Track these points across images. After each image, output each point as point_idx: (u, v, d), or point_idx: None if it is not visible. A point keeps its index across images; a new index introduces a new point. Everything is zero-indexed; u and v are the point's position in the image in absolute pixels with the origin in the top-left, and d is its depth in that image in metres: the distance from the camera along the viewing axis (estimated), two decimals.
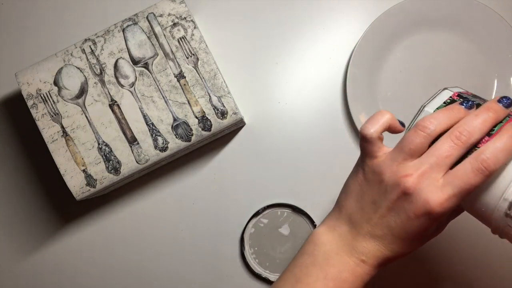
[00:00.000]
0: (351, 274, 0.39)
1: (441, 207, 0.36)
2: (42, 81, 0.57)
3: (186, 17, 0.57)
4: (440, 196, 0.36)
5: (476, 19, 0.59)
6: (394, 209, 0.38)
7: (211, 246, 0.62)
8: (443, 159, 0.37)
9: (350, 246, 0.40)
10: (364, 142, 0.39)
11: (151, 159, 0.56)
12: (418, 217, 0.37)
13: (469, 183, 0.36)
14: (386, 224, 0.39)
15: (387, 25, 0.60)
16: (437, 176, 0.37)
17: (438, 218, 0.37)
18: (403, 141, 0.38)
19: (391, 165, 0.38)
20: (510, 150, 0.35)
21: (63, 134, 0.57)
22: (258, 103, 0.63)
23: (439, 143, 0.37)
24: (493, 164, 0.35)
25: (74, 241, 0.63)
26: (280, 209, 0.60)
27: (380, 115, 0.39)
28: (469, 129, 0.37)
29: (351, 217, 0.40)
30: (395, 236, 0.38)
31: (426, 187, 0.36)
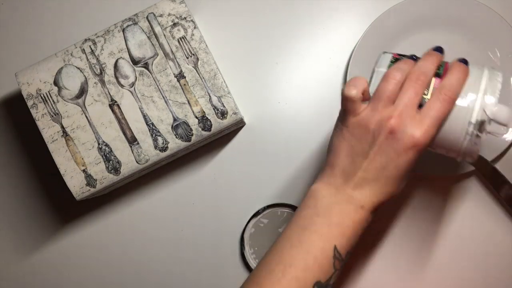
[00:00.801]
0: (352, 221, 0.44)
1: (424, 137, 0.42)
2: (42, 81, 0.57)
3: (186, 17, 0.57)
4: (421, 128, 0.42)
5: (476, 19, 0.59)
6: (383, 150, 0.43)
7: (211, 246, 0.62)
8: (412, 97, 0.43)
9: (348, 195, 0.44)
10: (348, 102, 0.44)
11: (151, 159, 0.56)
12: (406, 151, 0.42)
13: (440, 111, 0.43)
14: (378, 166, 0.43)
15: (387, 25, 0.60)
16: (413, 113, 0.43)
17: (423, 149, 0.43)
18: (378, 92, 0.44)
19: (373, 115, 0.43)
20: (461, 80, 0.44)
21: (63, 134, 0.57)
22: (258, 103, 0.63)
23: (406, 86, 0.44)
24: (452, 92, 0.43)
25: (74, 241, 0.63)
26: (280, 209, 0.60)
27: (359, 79, 0.45)
28: (423, 70, 0.44)
29: (344, 170, 0.44)
30: (387, 176, 0.43)
31: (408, 123, 0.42)
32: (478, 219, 0.60)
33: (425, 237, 0.60)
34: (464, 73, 0.44)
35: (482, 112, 0.43)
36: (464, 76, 0.44)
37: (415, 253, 0.60)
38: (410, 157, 0.42)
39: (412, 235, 0.61)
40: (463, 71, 0.44)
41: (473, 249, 0.60)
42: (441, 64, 0.46)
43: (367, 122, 0.43)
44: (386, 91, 0.44)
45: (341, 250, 0.43)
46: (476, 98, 0.43)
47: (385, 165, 0.43)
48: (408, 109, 0.43)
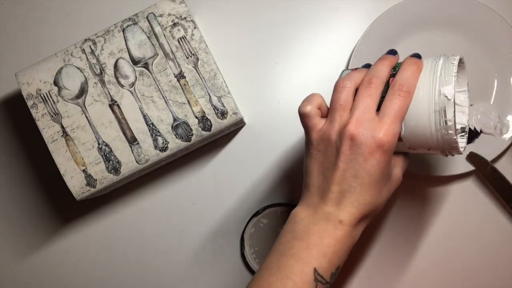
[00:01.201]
0: (332, 238, 0.41)
1: (387, 136, 0.41)
2: (42, 81, 0.57)
3: (186, 17, 0.57)
4: (382, 127, 0.41)
5: (476, 19, 0.59)
6: (350, 158, 0.42)
7: (211, 246, 0.62)
8: (367, 101, 0.42)
9: (326, 213, 0.42)
10: (305, 119, 0.45)
11: (151, 159, 0.56)
12: (372, 154, 0.41)
13: (398, 106, 0.42)
14: (349, 175, 0.42)
15: (387, 25, 0.60)
16: (371, 116, 0.42)
17: (390, 149, 0.41)
18: (331, 103, 0.44)
19: (333, 126, 0.43)
20: (414, 72, 0.43)
21: (63, 134, 0.57)
22: (258, 103, 0.63)
23: (359, 92, 0.44)
24: (406, 86, 0.42)
25: (74, 241, 0.63)
26: (280, 209, 0.60)
27: (312, 96, 0.46)
28: (374, 74, 0.44)
29: (319, 188, 0.43)
30: (361, 184, 0.41)
31: (367, 126, 0.41)
32: (478, 219, 0.60)
33: (425, 237, 0.60)
34: (415, 65, 0.44)
35: (442, 98, 0.42)
36: (416, 68, 0.43)
37: (414, 253, 0.60)
38: (378, 159, 0.41)
39: (411, 235, 0.61)
40: (414, 64, 0.44)
41: (473, 249, 0.60)
42: (396, 65, 0.45)
43: (328, 134, 0.43)
44: (338, 99, 0.43)
45: (323, 272, 0.41)
46: (433, 87, 0.42)
47: (355, 173, 0.41)
48: (364, 113, 0.42)
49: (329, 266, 0.41)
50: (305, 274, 0.41)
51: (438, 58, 0.44)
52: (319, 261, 0.41)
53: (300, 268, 0.41)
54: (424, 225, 0.61)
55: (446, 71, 0.42)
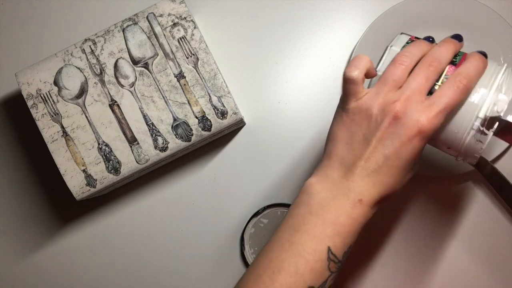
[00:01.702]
0: (348, 217, 0.40)
1: (431, 124, 0.39)
2: (42, 81, 0.57)
3: (186, 17, 0.57)
4: (428, 114, 0.39)
5: (476, 19, 0.59)
6: (387, 137, 0.39)
7: (211, 246, 0.62)
8: (422, 83, 0.40)
9: (346, 188, 0.40)
10: (350, 84, 0.41)
11: (151, 159, 0.56)
12: (411, 139, 0.39)
13: (452, 98, 0.39)
14: (380, 155, 0.39)
15: (387, 25, 0.60)
16: (421, 98, 0.40)
17: (429, 136, 0.39)
18: (384, 75, 0.41)
19: (377, 99, 0.40)
20: (479, 69, 0.41)
21: (63, 134, 0.57)
22: (258, 103, 0.63)
23: (416, 71, 0.41)
24: (468, 80, 0.40)
25: (74, 241, 0.63)
26: (280, 209, 0.60)
27: (361, 58, 0.42)
28: (437, 57, 0.41)
29: (343, 160, 0.41)
30: (390, 165, 0.39)
31: (414, 108, 0.39)
32: (478, 219, 0.60)
33: (424, 237, 0.60)
34: (483, 63, 0.41)
35: (492, 108, 0.40)
36: (482, 66, 0.41)
37: (413, 253, 0.60)
38: (415, 144, 0.39)
39: (410, 235, 0.61)
40: (482, 61, 0.41)
41: (472, 250, 0.60)
42: (458, 54, 0.43)
43: (370, 106, 0.40)
44: (393, 75, 0.41)
45: (336, 251, 0.39)
46: (488, 93, 0.40)
47: (388, 154, 0.39)
48: (416, 94, 0.40)
49: (342, 245, 0.40)
50: (318, 253, 0.39)
51: (502, 66, 0.43)
52: (333, 240, 0.39)
53: (313, 246, 0.39)
54: (424, 225, 0.61)
55: (506, 84, 0.41)
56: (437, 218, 0.60)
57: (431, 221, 0.61)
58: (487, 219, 0.60)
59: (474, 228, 0.60)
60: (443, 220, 0.60)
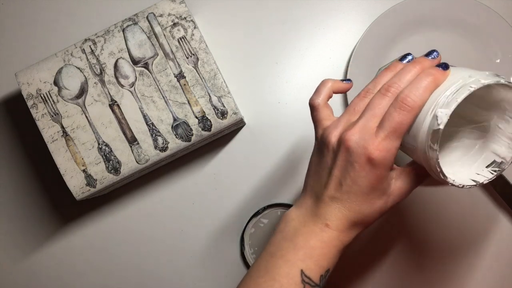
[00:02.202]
0: (319, 240, 0.41)
1: (378, 150, 0.39)
2: (42, 81, 0.57)
3: (186, 17, 0.57)
4: (375, 140, 0.39)
5: (476, 19, 0.59)
6: (343, 166, 0.41)
7: (211, 246, 0.62)
8: (375, 109, 0.40)
9: (315, 215, 0.42)
10: (314, 112, 0.44)
11: (151, 159, 0.56)
12: (362, 166, 0.40)
13: (396, 121, 0.39)
14: (339, 183, 0.41)
15: (387, 25, 0.60)
16: (373, 126, 0.40)
17: (381, 164, 0.39)
18: (349, 105, 0.42)
19: (336, 129, 0.42)
20: (427, 87, 0.39)
21: (63, 134, 0.57)
22: (258, 103, 0.63)
23: (372, 99, 0.41)
24: (413, 99, 0.39)
25: (74, 241, 0.63)
26: (280, 209, 0.60)
27: (323, 85, 0.44)
28: (397, 81, 0.40)
29: (313, 189, 0.43)
30: (350, 192, 0.41)
31: (363, 136, 0.40)
32: (478, 219, 0.60)
33: (424, 237, 0.60)
34: (432, 77, 0.39)
35: (433, 120, 0.37)
36: (431, 81, 0.39)
37: (412, 252, 0.60)
38: (367, 172, 0.40)
39: (410, 235, 0.61)
40: (431, 75, 0.39)
41: (473, 249, 0.60)
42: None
43: (329, 136, 0.42)
44: (356, 105, 0.42)
45: (310, 273, 0.40)
46: (433, 106, 0.38)
47: (346, 181, 0.40)
48: (369, 123, 0.40)
49: (316, 268, 0.41)
50: (292, 276, 0.40)
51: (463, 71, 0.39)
52: (305, 262, 0.41)
53: (287, 269, 0.41)
54: (424, 225, 0.61)
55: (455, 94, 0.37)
56: (436, 217, 0.60)
57: (429, 221, 0.61)
58: (487, 219, 0.60)
59: (474, 228, 0.60)
60: (443, 220, 0.60)
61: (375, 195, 0.41)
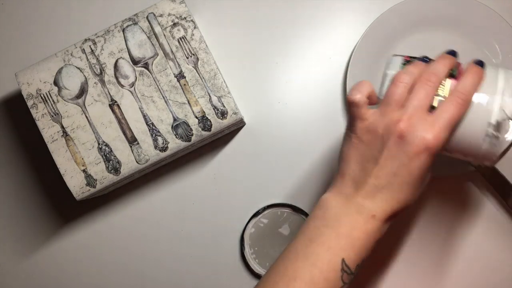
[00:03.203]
0: (362, 232, 0.42)
1: (437, 140, 0.40)
2: (42, 81, 0.57)
3: (186, 17, 0.57)
4: (433, 130, 0.41)
5: (476, 19, 0.59)
6: (394, 154, 0.41)
7: (211, 246, 0.62)
8: (423, 99, 0.42)
9: (359, 205, 0.42)
10: (354, 107, 0.44)
11: (151, 159, 0.56)
12: (418, 155, 0.41)
13: (453, 113, 0.41)
14: (389, 172, 0.41)
15: (387, 25, 0.60)
16: (423, 115, 0.42)
17: (436, 152, 0.41)
18: (386, 96, 0.43)
19: (382, 119, 0.42)
20: (475, 82, 0.43)
21: (63, 134, 0.57)
22: (258, 103, 0.63)
23: (415, 89, 0.43)
24: (466, 95, 0.42)
25: (74, 241, 0.63)
26: (280, 209, 0.60)
27: (363, 83, 0.45)
28: (434, 72, 0.43)
29: (355, 178, 0.43)
30: (400, 182, 0.41)
31: (418, 125, 0.41)
32: (478, 219, 0.60)
33: (424, 237, 0.60)
34: (478, 75, 0.43)
35: (501, 112, 0.42)
36: (478, 78, 0.43)
37: (412, 253, 0.60)
38: (423, 161, 0.41)
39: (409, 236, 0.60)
40: (477, 73, 0.43)
41: (472, 250, 0.60)
42: (455, 66, 0.45)
43: (376, 126, 0.42)
44: (394, 94, 0.43)
45: (350, 263, 0.41)
46: (494, 99, 0.42)
47: (396, 171, 0.41)
48: (418, 111, 0.42)
49: (356, 257, 0.42)
50: (333, 264, 0.41)
51: (497, 70, 0.44)
52: (347, 252, 0.41)
53: (328, 257, 0.41)
54: (424, 225, 0.61)
55: (508, 87, 0.42)
56: (436, 218, 0.60)
57: (429, 221, 0.61)
58: (487, 219, 0.60)
59: (474, 228, 0.60)
60: (442, 220, 0.60)
61: (420, 183, 0.42)
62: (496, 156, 0.43)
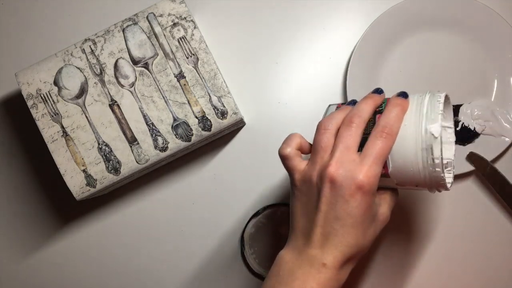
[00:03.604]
0: (316, 282, 0.41)
1: (367, 178, 0.41)
2: (42, 81, 0.57)
3: (186, 17, 0.57)
4: (362, 168, 0.41)
5: (476, 19, 0.59)
6: (331, 201, 0.41)
7: (211, 246, 0.62)
8: (347, 140, 0.42)
9: (309, 256, 0.42)
10: (286, 160, 0.45)
11: (151, 159, 0.56)
12: (353, 196, 0.41)
13: (380, 148, 0.41)
14: (331, 218, 0.41)
15: (387, 25, 0.60)
16: (351, 156, 0.42)
17: (371, 190, 0.41)
18: (314, 145, 0.44)
19: (314, 167, 0.43)
20: (398, 114, 0.43)
21: (63, 134, 0.57)
22: (258, 103, 0.63)
23: (340, 132, 0.43)
24: (389, 128, 0.42)
25: (74, 241, 0.63)
26: (280, 209, 0.60)
27: (291, 136, 0.46)
28: (357, 112, 0.44)
29: (303, 230, 0.43)
30: (344, 226, 0.41)
31: (347, 167, 0.41)
32: (478, 219, 0.60)
33: (424, 237, 0.60)
34: (400, 106, 0.43)
35: (429, 136, 0.41)
36: (400, 110, 0.43)
37: (413, 253, 0.60)
38: (359, 200, 0.41)
39: (411, 235, 0.61)
40: (398, 104, 0.43)
41: (473, 249, 0.60)
42: (383, 101, 0.45)
43: (310, 176, 0.43)
44: (320, 141, 0.43)
45: None
46: (420, 125, 0.42)
47: (337, 215, 0.41)
48: (344, 154, 0.42)
49: None
50: None
51: (424, 94, 0.44)
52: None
53: None
54: (424, 225, 0.61)
55: (432, 109, 0.42)
56: (437, 217, 0.60)
57: (430, 221, 0.61)
58: (487, 219, 0.60)
59: (474, 228, 0.60)
60: (443, 220, 0.60)
61: (367, 223, 0.42)
62: (444, 180, 0.42)
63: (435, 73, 0.60)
